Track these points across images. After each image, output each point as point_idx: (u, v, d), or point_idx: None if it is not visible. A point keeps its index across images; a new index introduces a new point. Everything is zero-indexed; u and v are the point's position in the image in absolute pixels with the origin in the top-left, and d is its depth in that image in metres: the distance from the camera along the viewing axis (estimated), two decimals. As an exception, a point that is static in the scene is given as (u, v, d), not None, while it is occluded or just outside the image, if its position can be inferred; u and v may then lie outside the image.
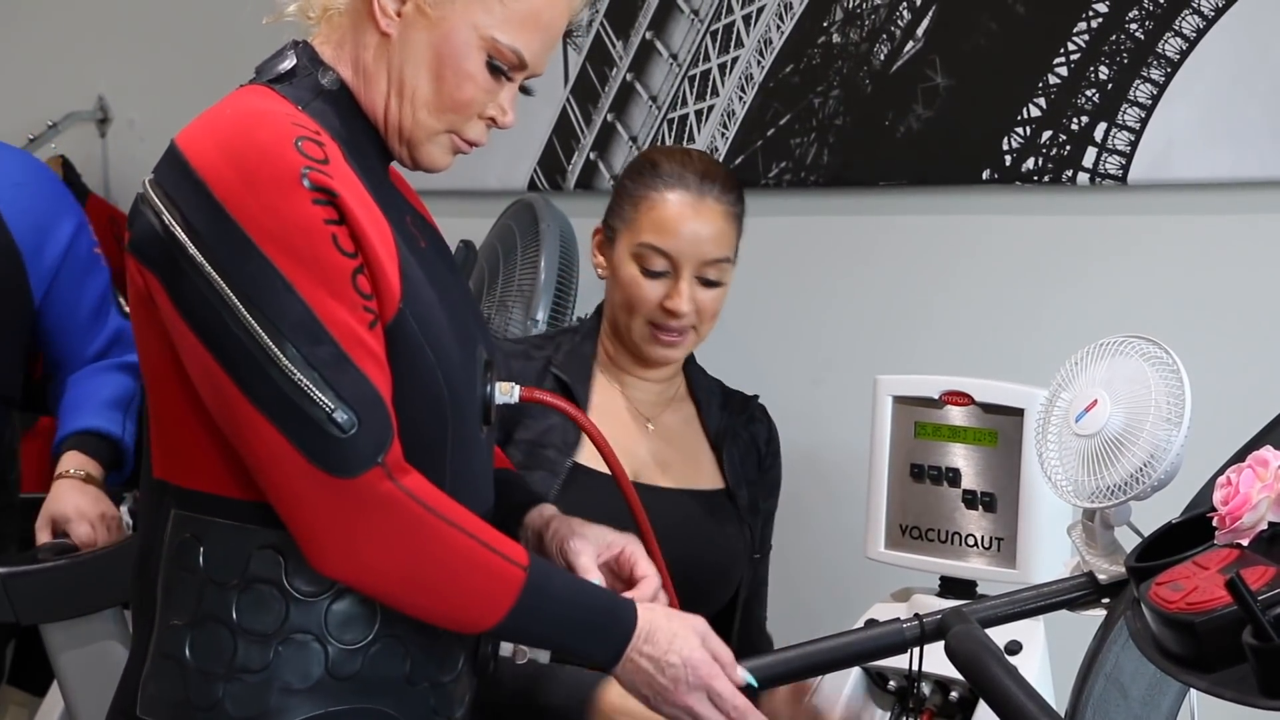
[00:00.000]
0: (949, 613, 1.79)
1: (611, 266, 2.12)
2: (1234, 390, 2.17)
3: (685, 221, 2.07)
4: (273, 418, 1.38)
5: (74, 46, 3.75)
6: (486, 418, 1.56)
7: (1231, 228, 2.40)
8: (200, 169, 1.40)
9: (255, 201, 1.38)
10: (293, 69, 1.50)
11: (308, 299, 1.38)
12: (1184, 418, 1.66)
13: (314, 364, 1.37)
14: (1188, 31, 2.39)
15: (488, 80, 1.49)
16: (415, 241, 1.53)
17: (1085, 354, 1.77)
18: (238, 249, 1.37)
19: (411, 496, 1.42)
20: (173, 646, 1.47)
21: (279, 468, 1.39)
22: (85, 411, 2.47)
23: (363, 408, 1.39)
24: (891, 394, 2.23)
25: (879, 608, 2.18)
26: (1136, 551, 1.63)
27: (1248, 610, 1.33)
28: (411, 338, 1.44)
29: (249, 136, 1.41)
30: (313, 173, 1.39)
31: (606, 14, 2.95)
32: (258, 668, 1.45)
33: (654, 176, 2.10)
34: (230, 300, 1.37)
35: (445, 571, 1.44)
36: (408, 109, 1.49)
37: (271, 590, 1.45)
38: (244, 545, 1.45)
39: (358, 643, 1.47)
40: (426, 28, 1.47)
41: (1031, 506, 2.11)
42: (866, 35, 2.69)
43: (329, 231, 1.39)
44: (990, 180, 2.57)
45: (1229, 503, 1.53)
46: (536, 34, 1.49)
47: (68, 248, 2.49)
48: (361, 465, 1.39)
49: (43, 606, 2.27)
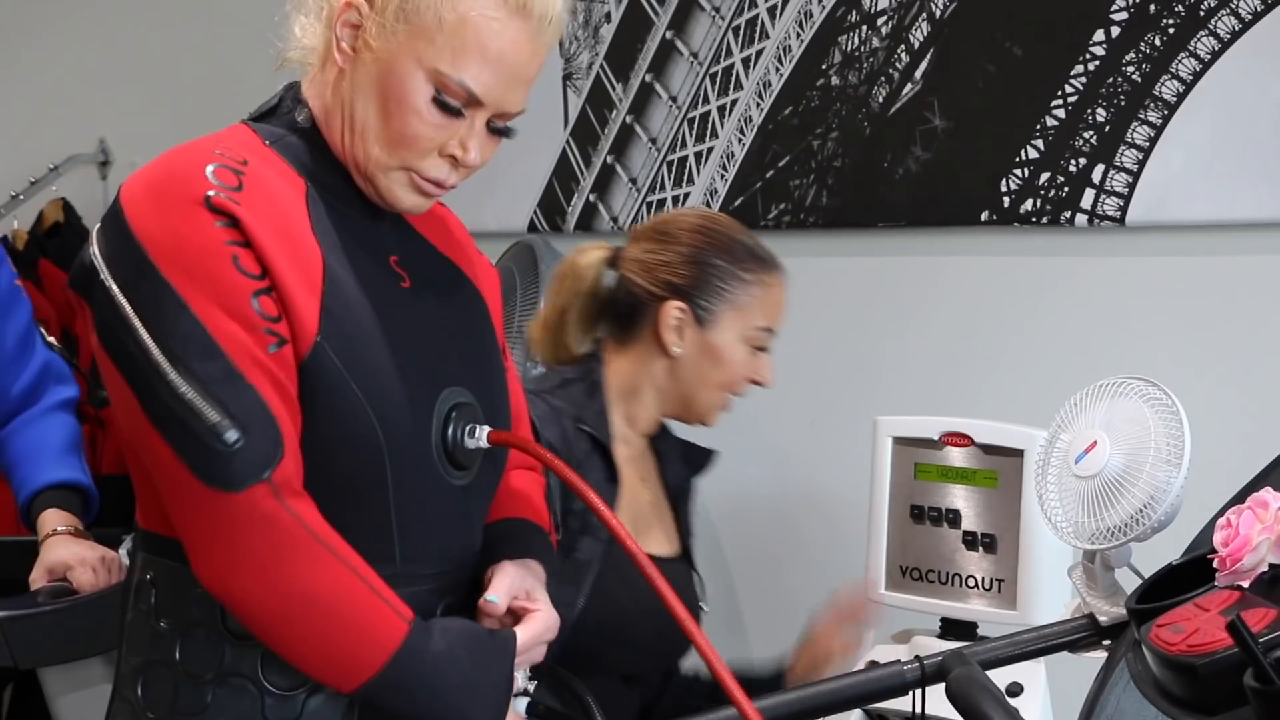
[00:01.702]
0: (950, 655, 1.78)
1: (703, 346, 2.13)
2: (1233, 431, 2.17)
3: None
4: (164, 432, 1.38)
5: (76, 89, 3.76)
6: (455, 462, 1.52)
7: (1230, 269, 2.40)
8: (124, 201, 1.42)
9: (159, 224, 1.39)
10: (274, 107, 1.52)
11: (200, 316, 1.38)
12: (1184, 459, 1.66)
13: (202, 379, 1.37)
14: (1184, 74, 2.40)
15: (436, 115, 1.45)
16: (394, 282, 1.50)
17: (1084, 395, 1.77)
18: (138, 270, 1.39)
19: (297, 519, 1.39)
20: (129, 688, 1.48)
21: (171, 483, 1.39)
22: (46, 464, 2.43)
23: (250, 423, 1.37)
24: (891, 435, 2.23)
25: (880, 649, 2.18)
26: (1137, 593, 1.63)
27: (1249, 653, 1.33)
28: (330, 372, 1.42)
29: (167, 166, 1.43)
30: (217, 197, 1.39)
31: (606, 56, 2.97)
32: (195, 710, 1.44)
33: (763, 262, 2.15)
34: (129, 319, 1.38)
35: (321, 605, 1.40)
36: (359, 143, 1.47)
37: (210, 633, 1.44)
38: (186, 587, 1.44)
39: (293, 689, 1.45)
40: (374, 62, 1.45)
41: (1032, 548, 2.11)
42: (865, 78, 2.70)
43: (230, 252, 1.39)
44: (989, 222, 2.58)
45: (1229, 544, 1.53)
46: (485, 66, 1.44)
47: None
48: (245, 480, 1.37)
49: (41, 650, 2.25)
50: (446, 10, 1.42)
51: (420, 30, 1.43)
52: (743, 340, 2.13)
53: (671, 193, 2.91)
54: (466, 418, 1.52)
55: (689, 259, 2.12)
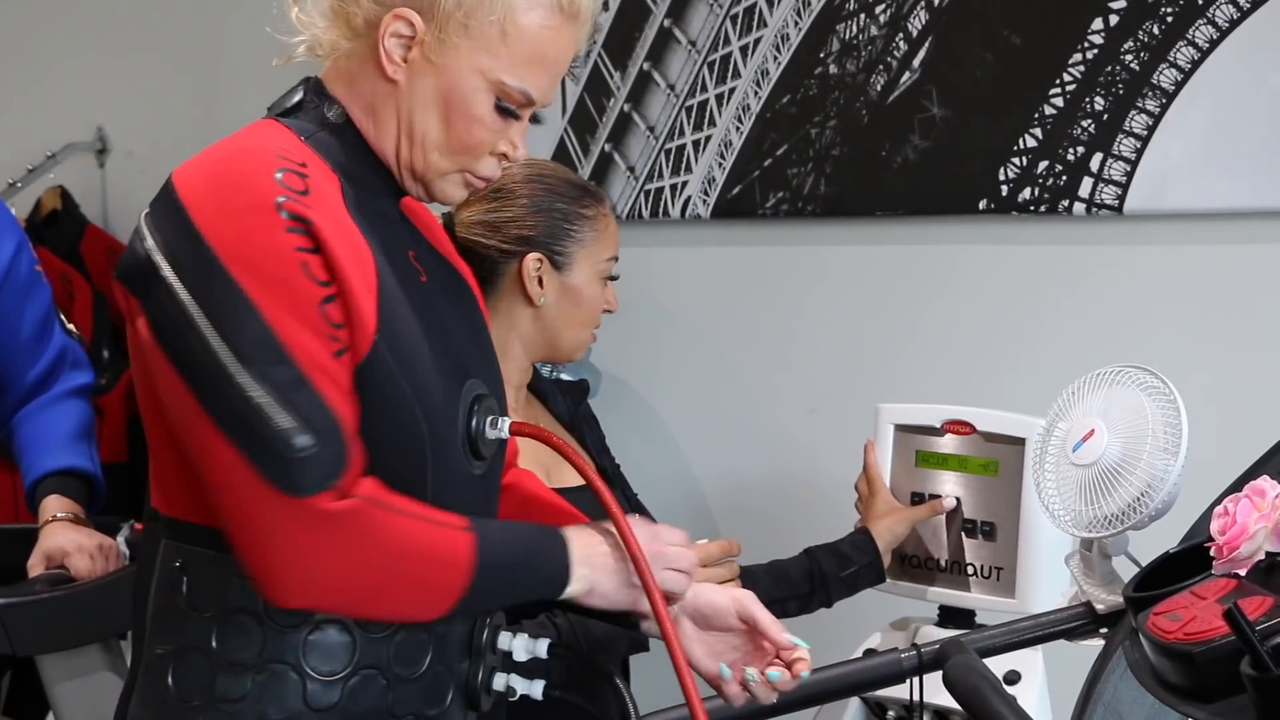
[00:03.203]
0: (947, 642, 1.78)
1: (561, 290, 2.15)
2: (1231, 420, 2.17)
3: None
4: (231, 435, 1.37)
5: (74, 78, 3.76)
6: (476, 452, 1.54)
7: (1228, 257, 2.41)
8: (184, 198, 1.41)
9: (230, 228, 1.39)
10: (300, 102, 1.53)
11: (271, 322, 1.38)
12: (1181, 447, 1.66)
13: (274, 385, 1.37)
14: (1183, 63, 2.40)
15: (496, 121, 1.51)
16: (415, 276, 1.53)
17: (1082, 384, 1.77)
18: (207, 272, 1.38)
19: (363, 500, 1.41)
20: (157, 675, 1.47)
21: (235, 487, 1.39)
22: (53, 450, 2.43)
23: (320, 431, 1.38)
24: (893, 422, 2.24)
25: (877, 637, 2.18)
26: (1134, 581, 1.63)
27: (1246, 640, 1.33)
28: (387, 370, 1.44)
29: (231, 167, 1.43)
30: (288, 201, 1.40)
31: (605, 45, 2.96)
32: (236, 698, 1.44)
33: (593, 196, 2.18)
34: (196, 320, 1.38)
35: (399, 562, 1.42)
36: (419, 152, 1.51)
37: (250, 620, 1.44)
38: (225, 575, 1.44)
39: (335, 674, 1.46)
40: (433, 74, 1.48)
41: (1031, 536, 2.12)
42: (863, 66, 2.69)
43: (300, 259, 1.40)
44: (987, 210, 2.58)
45: (1226, 532, 1.53)
46: (543, 72, 1.50)
47: (8, 268, 2.43)
48: (316, 486, 1.38)
49: (38, 638, 2.25)
50: (509, 24, 1.47)
51: (482, 43, 1.47)
52: (596, 276, 2.16)
53: (669, 181, 2.91)
54: (487, 408, 1.54)
55: (533, 209, 2.14)
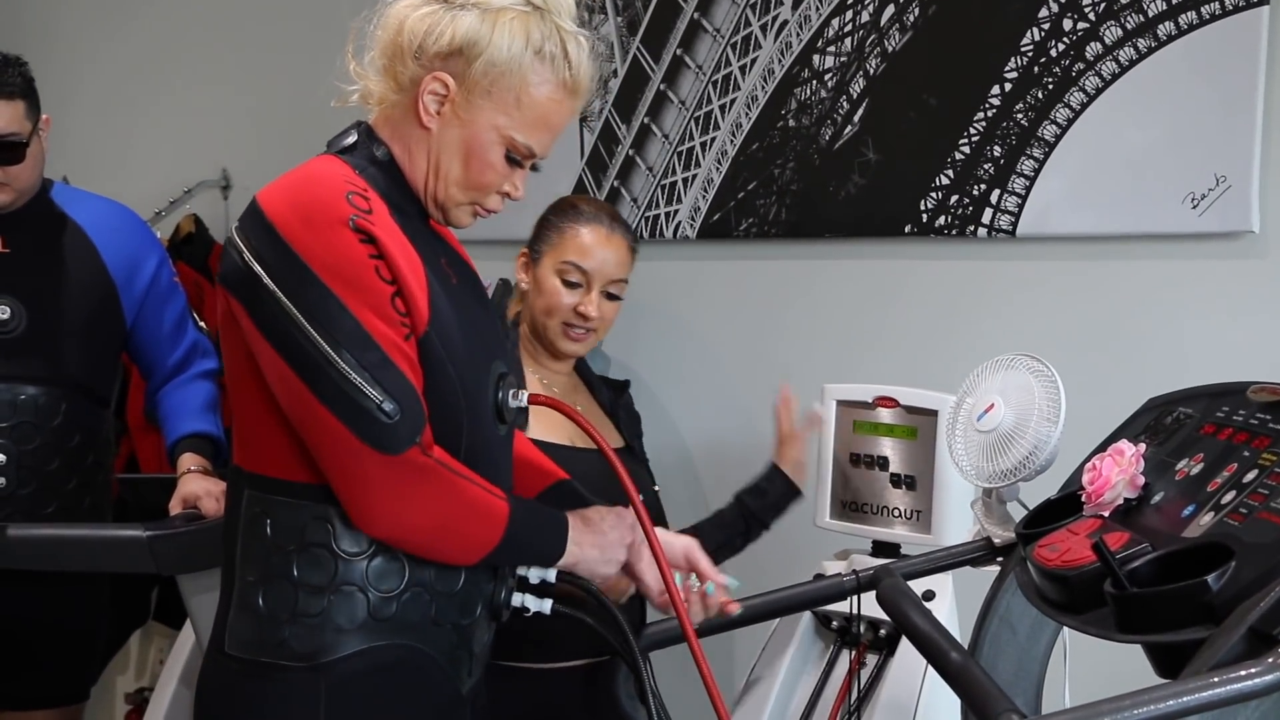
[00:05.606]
0: (879, 569, 1.79)
1: (534, 281, 2.12)
2: (1098, 396, 2.17)
3: (599, 248, 2.09)
4: (334, 409, 1.37)
5: (204, 128, 3.75)
6: (501, 418, 1.54)
7: (1096, 271, 2.41)
8: (272, 217, 1.40)
9: (314, 240, 1.38)
10: (354, 143, 1.52)
11: (357, 316, 1.38)
12: (1060, 418, 1.67)
13: (365, 366, 1.37)
14: (1061, 120, 2.40)
15: (504, 167, 1.51)
16: (448, 279, 1.52)
17: (985, 368, 1.78)
18: (301, 278, 1.38)
19: (439, 463, 1.42)
20: (249, 598, 1.47)
21: (339, 450, 1.39)
22: (188, 418, 2.45)
23: (403, 400, 1.38)
24: (836, 398, 2.24)
25: (825, 565, 2.19)
26: (1024, 521, 1.64)
27: (1108, 566, 1.34)
28: (436, 353, 1.44)
29: (309, 191, 1.42)
30: (358, 219, 1.40)
31: (614, 103, 2.96)
32: (315, 613, 1.44)
33: (576, 214, 2.12)
34: (297, 319, 1.37)
35: (459, 515, 1.43)
36: (442, 186, 1.51)
37: (324, 552, 1.44)
38: (301, 518, 1.45)
39: (392, 591, 1.46)
40: (459, 126, 1.48)
41: (944, 486, 2.12)
42: (815, 120, 2.69)
43: (372, 264, 1.39)
44: (911, 233, 2.58)
45: (1094, 483, 1.53)
46: (546, 132, 1.50)
47: (152, 279, 2.46)
48: (404, 444, 1.39)
49: (178, 561, 2.26)
50: (524, 94, 1.47)
51: (501, 106, 1.47)
52: (553, 273, 2.08)
53: (664, 210, 2.91)
54: (509, 384, 1.55)
55: (537, 220, 2.15)
